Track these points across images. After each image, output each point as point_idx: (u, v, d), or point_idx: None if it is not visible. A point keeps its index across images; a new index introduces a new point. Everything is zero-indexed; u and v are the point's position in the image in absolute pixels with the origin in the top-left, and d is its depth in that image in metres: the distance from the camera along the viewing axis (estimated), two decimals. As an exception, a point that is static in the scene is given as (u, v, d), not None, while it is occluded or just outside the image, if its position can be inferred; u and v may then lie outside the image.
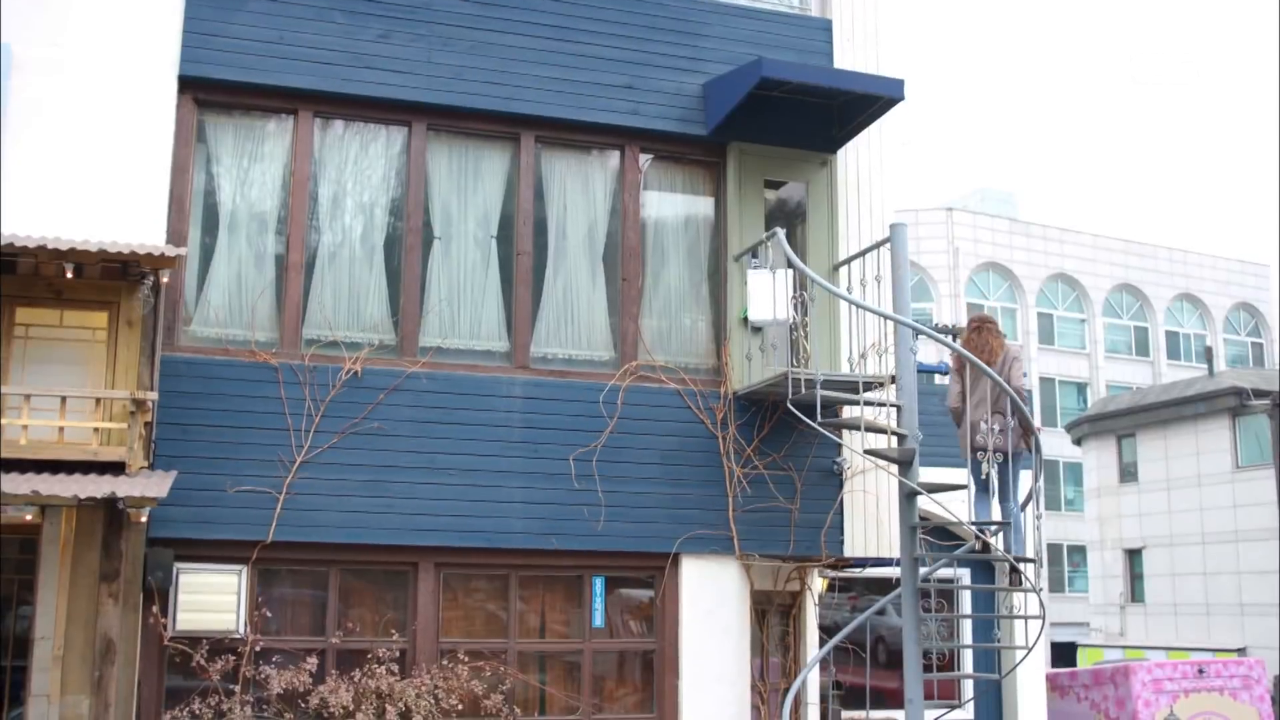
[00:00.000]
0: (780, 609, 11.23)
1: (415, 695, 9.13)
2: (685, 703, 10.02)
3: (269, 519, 9.18)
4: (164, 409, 9.01)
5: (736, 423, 10.35)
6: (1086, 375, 48.76)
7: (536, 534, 9.76)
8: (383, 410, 9.55)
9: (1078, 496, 44.20)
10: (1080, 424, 37.05)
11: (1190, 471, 32.61)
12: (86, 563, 8.66)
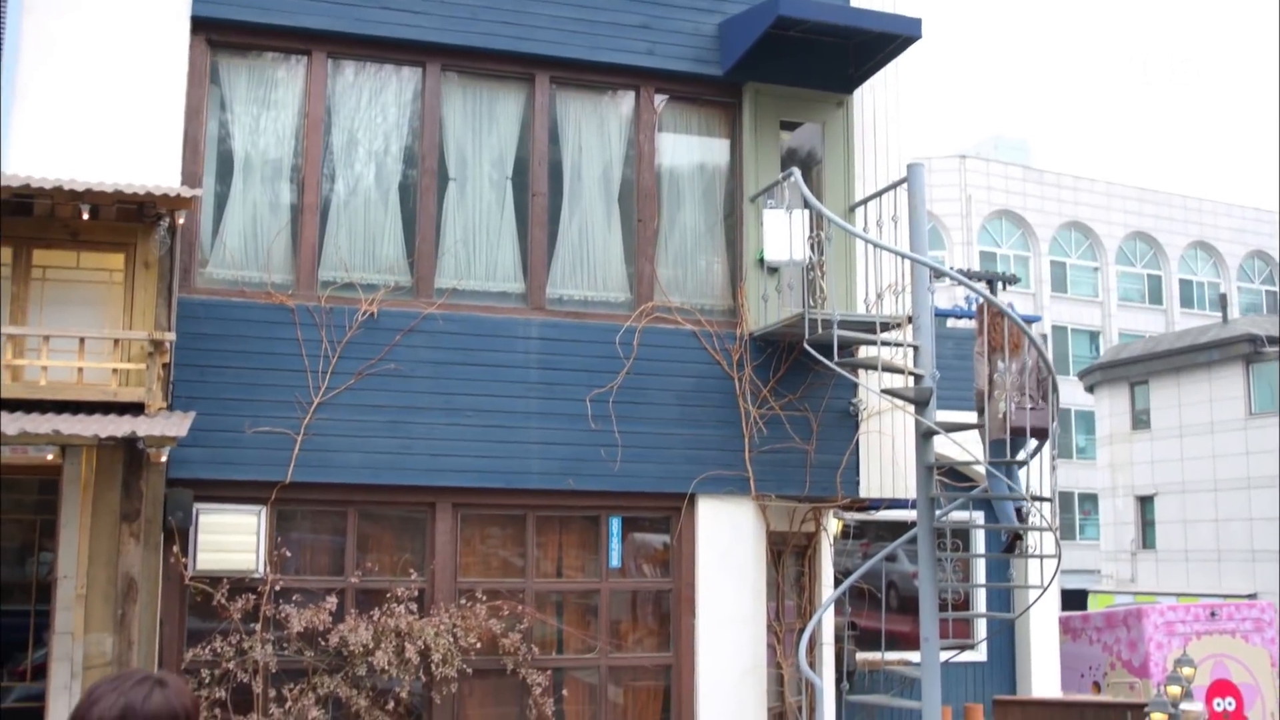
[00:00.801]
0: (795, 550, 11.28)
1: (434, 634, 9.20)
2: (701, 642, 10.09)
3: (287, 460, 9.22)
4: (181, 351, 9.03)
5: (752, 364, 10.35)
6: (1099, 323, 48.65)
7: (553, 474, 9.79)
8: (399, 351, 9.57)
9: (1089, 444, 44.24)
10: (1093, 371, 37.02)
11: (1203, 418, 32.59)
12: (107, 503, 8.71)
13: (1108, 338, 47.50)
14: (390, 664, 9.02)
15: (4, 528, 9.77)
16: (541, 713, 9.62)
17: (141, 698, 2.69)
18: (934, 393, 9.28)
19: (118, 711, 2.65)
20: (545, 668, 9.73)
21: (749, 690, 10.13)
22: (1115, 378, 35.53)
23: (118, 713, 2.65)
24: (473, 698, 9.63)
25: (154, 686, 2.73)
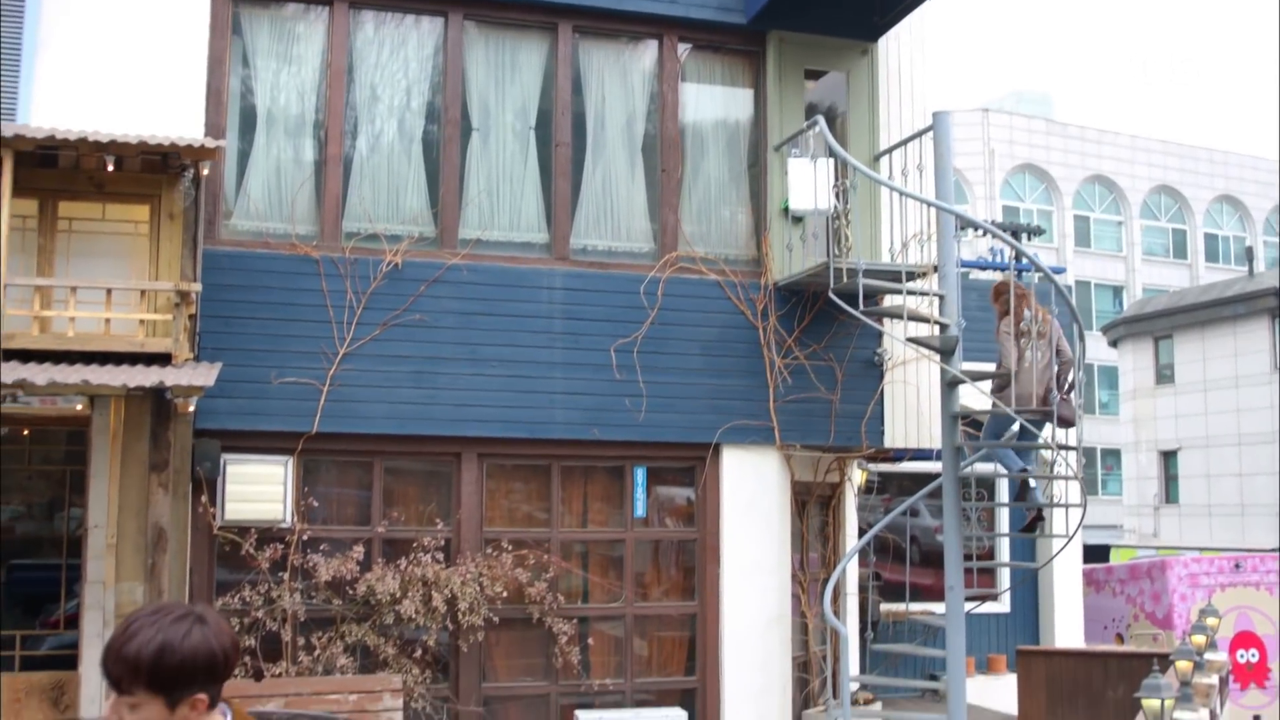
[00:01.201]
0: (820, 500, 11.29)
1: (460, 583, 9.26)
2: (726, 591, 10.12)
3: (313, 410, 9.26)
4: (207, 302, 9.05)
5: (777, 313, 10.32)
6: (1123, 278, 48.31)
7: (578, 424, 9.81)
8: (424, 302, 9.57)
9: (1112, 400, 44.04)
10: (1117, 326, 36.80)
11: (1228, 373, 32.39)
12: (136, 453, 8.76)
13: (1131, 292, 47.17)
14: (417, 612, 9.09)
15: (34, 483, 9.85)
16: (567, 661, 9.69)
17: (180, 635, 2.58)
18: (959, 341, 9.23)
19: (154, 648, 2.54)
20: (571, 617, 9.79)
21: (774, 639, 10.18)
22: (1139, 332, 35.31)
23: (154, 650, 2.54)
24: (499, 646, 9.70)
25: (194, 623, 2.62)
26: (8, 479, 9.72)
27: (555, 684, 9.78)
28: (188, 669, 2.56)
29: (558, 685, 9.78)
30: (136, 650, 2.52)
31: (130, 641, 2.53)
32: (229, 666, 2.67)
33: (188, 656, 2.56)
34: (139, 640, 2.53)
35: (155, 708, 2.56)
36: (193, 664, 2.57)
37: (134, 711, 2.57)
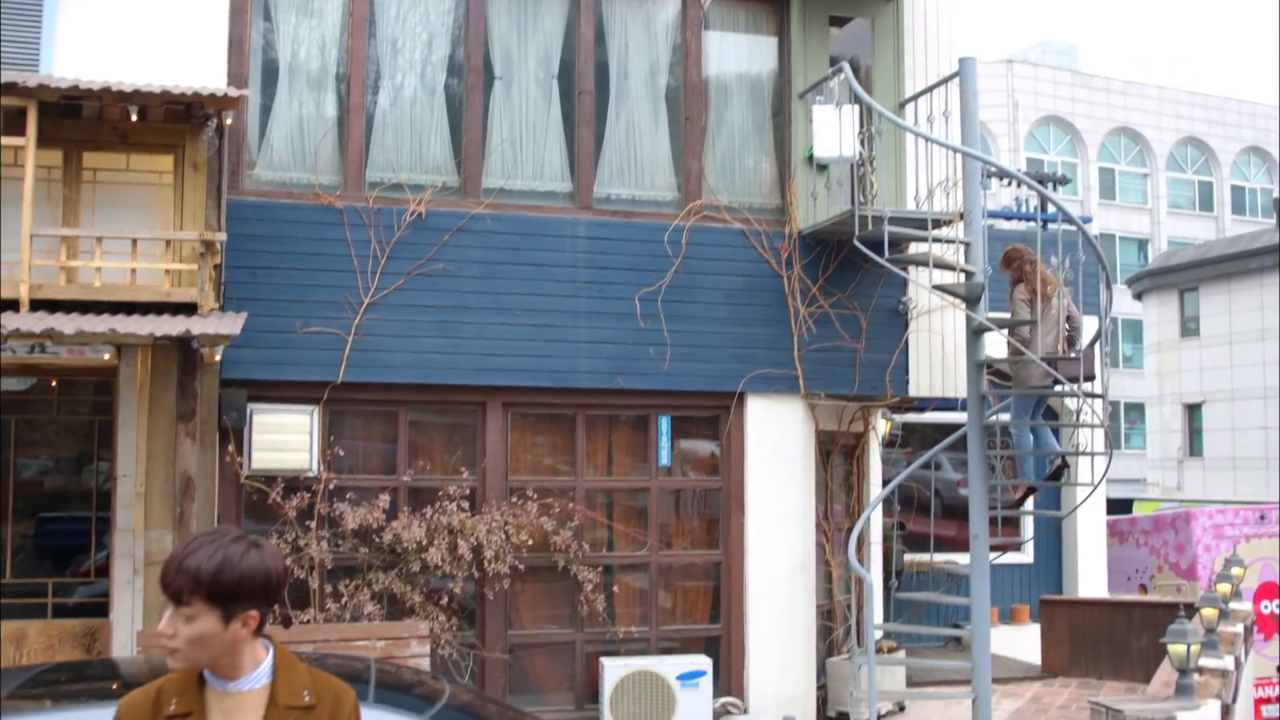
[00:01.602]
0: (844, 450, 11.30)
1: (486, 531, 9.30)
2: (750, 540, 10.15)
3: (338, 360, 9.28)
4: (231, 252, 9.07)
5: (801, 262, 10.28)
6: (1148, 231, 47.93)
7: (603, 373, 9.82)
8: (448, 251, 9.56)
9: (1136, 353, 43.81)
10: (1142, 278, 36.56)
11: (1253, 325, 32.17)
12: (163, 403, 8.80)
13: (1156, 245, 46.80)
14: (443, 560, 9.15)
15: (61, 438, 9.91)
16: (593, 609, 9.74)
17: (239, 553, 2.76)
18: (985, 289, 9.19)
19: (216, 563, 2.71)
20: (596, 565, 9.83)
21: (798, 587, 10.21)
22: (1164, 285, 35.08)
23: (215, 564, 2.71)
24: (524, 594, 9.76)
25: (250, 545, 2.80)
26: (36, 433, 9.80)
27: (580, 632, 9.84)
28: (245, 585, 2.74)
29: (583, 633, 9.84)
30: (198, 564, 2.70)
31: (192, 556, 2.72)
32: (280, 589, 2.84)
33: (245, 573, 2.74)
34: (201, 555, 2.72)
35: (211, 620, 2.72)
36: (250, 580, 2.75)
37: (190, 623, 2.72)
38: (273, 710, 2.79)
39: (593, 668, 9.76)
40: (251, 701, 2.80)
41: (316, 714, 2.83)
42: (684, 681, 9.52)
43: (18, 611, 9.39)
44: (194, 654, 2.75)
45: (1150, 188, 48.26)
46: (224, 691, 2.80)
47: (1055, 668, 12.67)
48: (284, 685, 2.83)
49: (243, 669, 2.80)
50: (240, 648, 2.79)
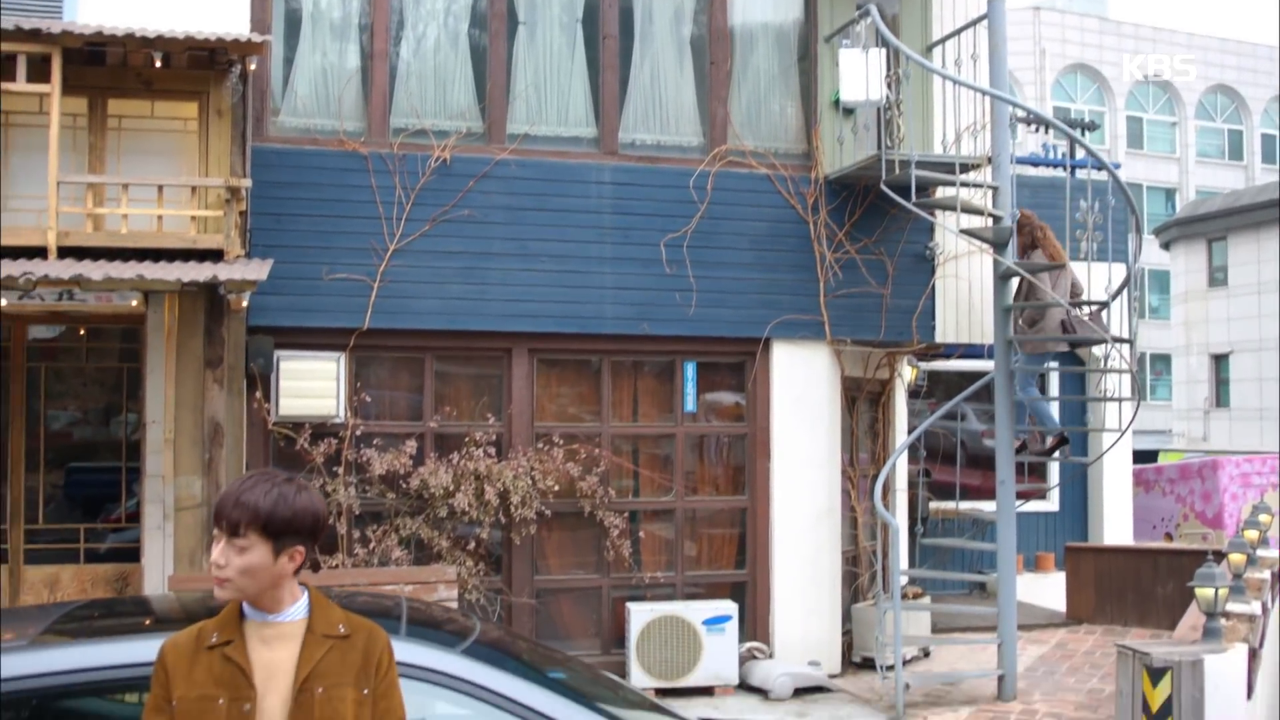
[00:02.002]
0: (870, 396, 11.28)
1: (512, 477, 9.34)
2: (776, 486, 10.16)
3: (364, 306, 9.30)
4: (256, 199, 9.07)
5: (827, 207, 10.22)
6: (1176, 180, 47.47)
7: (628, 319, 9.81)
8: (473, 197, 9.54)
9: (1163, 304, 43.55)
10: (1169, 228, 36.25)
11: (1283, 275, 31.92)
12: (191, 350, 8.84)
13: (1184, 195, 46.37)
14: (470, 506, 9.19)
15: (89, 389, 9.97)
16: (619, 554, 9.79)
17: (292, 492, 2.91)
18: (1013, 233, 9.13)
19: (273, 499, 2.86)
20: (622, 511, 9.87)
21: (824, 533, 10.23)
22: (1193, 234, 34.78)
23: (272, 499, 2.86)
24: (551, 540, 9.81)
25: (300, 488, 2.95)
26: (64, 385, 9.86)
27: (607, 577, 9.89)
28: (297, 521, 2.89)
29: (609, 578, 9.90)
30: (256, 499, 2.86)
31: (249, 491, 2.87)
32: (324, 530, 3.00)
33: (299, 510, 2.89)
34: (258, 491, 2.87)
35: (263, 552, 2.86)
36: (301, 518, 2.90)
37: (242, 554, 2.85)
38: (310, 637, 2.91)
39: (619, 613, 9.82)
40: (290, 631, 2.92)
41: (351, 643, 2.93)
42: (710, 626, 9.57)
43: (51, 557, 9.51)
44: (243, 584, 2.88)
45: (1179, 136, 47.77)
46: (263, 623, 2.91)
47: (1080, 615, 12.68)
48: (320, 618, 2.96)
49: (283, 603, 2.93)
50: (284, 582, 2.92)
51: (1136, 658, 6.56)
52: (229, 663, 2.85)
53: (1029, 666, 10.17)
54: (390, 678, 2.98)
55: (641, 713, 3.79)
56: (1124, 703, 6.64)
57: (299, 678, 2.85)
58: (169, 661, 2.89)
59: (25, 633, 3.47)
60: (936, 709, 9.00)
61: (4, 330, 9.51)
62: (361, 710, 2.89)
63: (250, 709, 2.82)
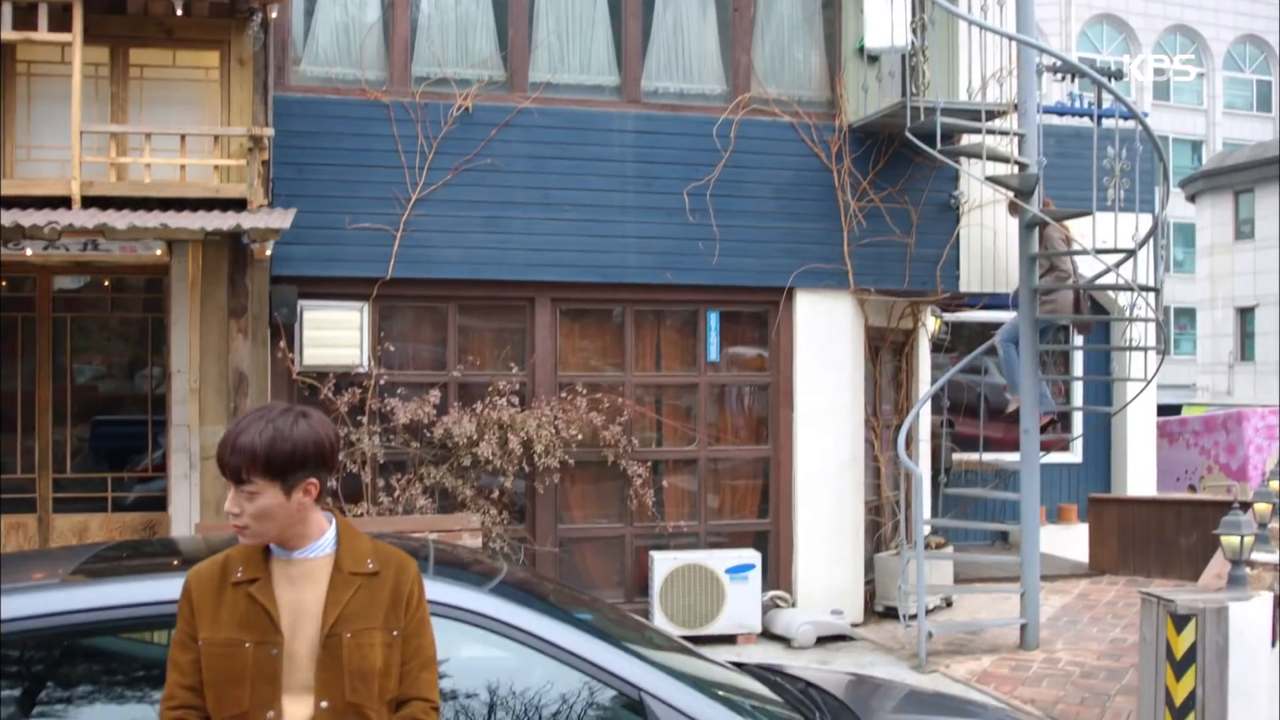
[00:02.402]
0: (893, 347, 11.24)
1: (536, 426, 9.35)
2: (799, 435, 10.15)
3: (387, 256, 9.30)
4: (279, 149, 9.05)
5: (851, 156, 10.15)
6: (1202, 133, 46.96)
7: (651, 268, 9.79)
8: (495, 146, 9.51)
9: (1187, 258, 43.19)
10: (1196, 179, 35.93)
11: (1310, 227, 31.64)
12: (215, 299, 8.87)
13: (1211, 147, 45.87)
14: (494, 454, 9.22)
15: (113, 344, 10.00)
16: (642, 503, 9.81)
17: (289, 425, 2.79)
18: (1040, 181, 9.06)
19: (267, 437, 2.75)
20: (645, 460, 9.88)
21: (847, 482, 10.22)
22: (1219, 186, 34.46)
23: (267, 438, 2.75)
24: (574, 489, 9.84)
25: (298, 416, 2.83)
26: (89, 340, 9.90)
27: (630, 526, 9.93)
28: (299, 455, 2.77)
29: (632, 527, 9.93)
30: (251, 440, 2.75)
31: (244, 434, 2.76)
32: (334, 454, 2.88)
33: (298, 443, 2.78)
34: (252, 432, 2.76)
35: (272, 493, 2.77)
36: (303, 450, 2.78)
37: (253, 500, 2.77)
38: (337, 576, 2.83)
39: (642, 561, 9.85)
40: (317, 568, 2.84)
41: (380, 580, 2.86)
42: (733, 575, 9.60)
43: (79, 506, 9.59)
44: (262, 528, 2.80)
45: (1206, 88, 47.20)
46: (289, 559, 2.85)
47: (1103, 565, 12.68)
48: (348, 553, 2.87)
49: (309, 537, 2.85)
50: (305, 516, 2.84)
51: (1161, 605, 6.54)
52: (255, 604, 2.78)
53: (1051, 616, 10.18)
54: (421, 614, 2.92)
55: (669, 653, 3.79)
56: (1147, 650, 6.63)
57: (326, 622, 2.78)
58: (194, 595, 2.83)
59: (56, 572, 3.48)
60: (959, 657, 9.03)
61: (29, 281, 9.56)
62: (391, 653, 2.83)
63: (277, 654, 2.76)
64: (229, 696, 2.76)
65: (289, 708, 2.77)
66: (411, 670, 2.88)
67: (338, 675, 2.77)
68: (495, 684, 3.42)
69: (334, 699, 2.77)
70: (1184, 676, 6.35)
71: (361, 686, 2.78)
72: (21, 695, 3.32)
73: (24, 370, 9.55)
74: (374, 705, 2.80)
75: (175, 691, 2.81)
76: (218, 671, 2.77)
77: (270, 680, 2.76)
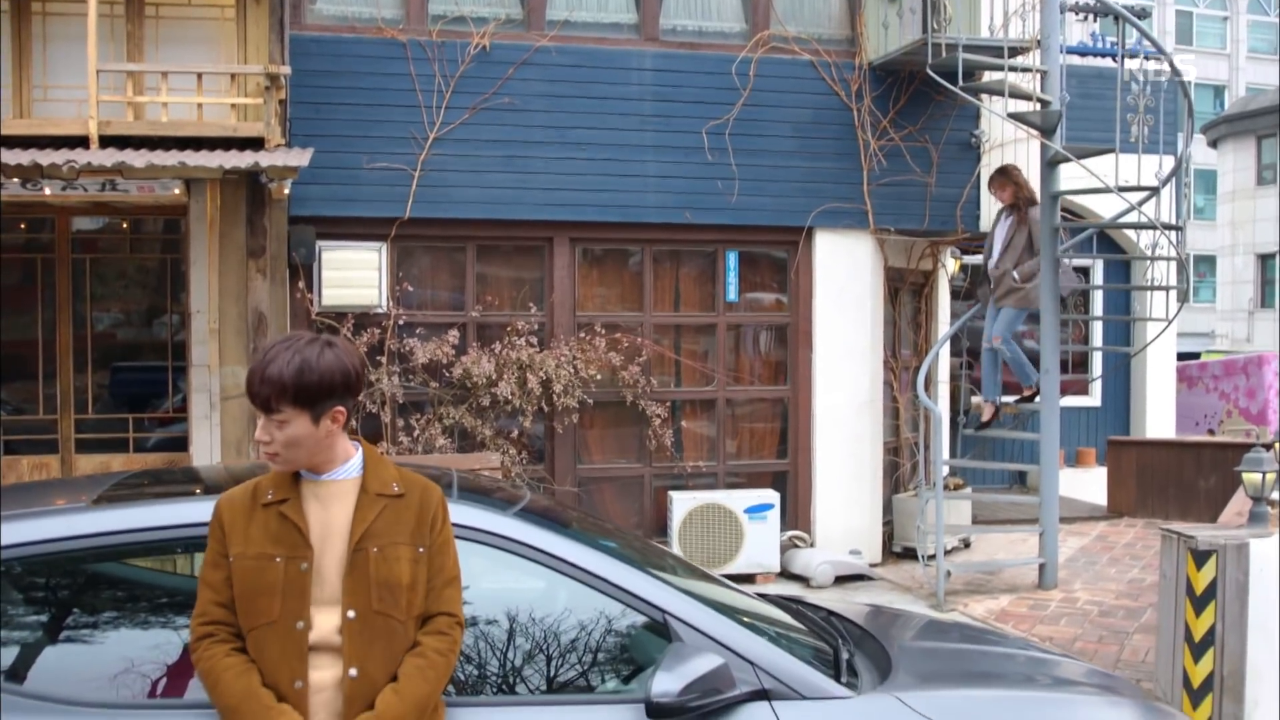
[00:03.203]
0: (912, 288, 11.20)
1: (555, 365, 9.36)
2: (818, 375, 10.14)
3: (405, 196, 9.27)
4: (295, 88, 9.01)
5: (871, 94, 10.06)
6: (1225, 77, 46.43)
7: (670, 208, 9.74)
8: (513, 85, 9.45)
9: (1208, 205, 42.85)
10: (1218, 124, 35.55)
11: (1333, 172, 31.32)
12: (233, 240, 8.86)
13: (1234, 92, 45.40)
14: (513, 394, 9.23)
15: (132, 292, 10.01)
16: (660, 443, 9.82)
17: (316, 354, 2.85)
18: (1062, 117, 8.97)
19: (295, 366, 2.81)
20: (663, 400, 9.88)
21: (865, 423, 10.22)
22: (1241, 131, 34.11)
23: (295, 367, 2.81)
24: (593, 429, 9.85)
25: (324, 345, 2.89)
26: (107, 288, 9.90)
27: (649, 466, 9.94)
28: (325, 383, 2.85)
29: (651, 467, 9.94)
30: (279, 370, 2.82)
31: (272, 364, 2.83)
32: (359, 382, 2.96)
33: (325, 372, 2.84)
34: (280, 362, 2.83)
35: (301, 422, 2.85)
36: (330, 379, 2.86)
37: (282, 428, 2.86)
38: (364, 498, 2.91)
39: (661, 501, 9.88)
40: (344, 490, 2.93)
41: (406, 503, 2.94)
42: (752, 515, 9.62)
43: (100, 447, 9.65)
44: (292, 455, 2.88)
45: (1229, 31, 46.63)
46: (318, 481, 2.93)
47: (1121, 508, 12.66)
48: (374, 476, 2.96)
49: (335, 462, 2.94)
50: (333, 443, 2.92)
51: (1181, 541, 6.53)
52: (285, 521, 2.87)
53: (1069, 557, 10.19)
54: (445, 534, 3.00)
55: (693, 580, 3.80)
56: (1167, 586, 6.63)
57: (354, 537, 2.86)
58: (225, 518, 2.92)
59: (80, 498, 3.50)
60: (977, 596, 9.05)
61: (48, 223, 9.56)
62: (417, 568, 2.91)
63: (308, 568, 2.84)
64: (259, 607, 2.84)
65: (317, 619, 2.85)
66: (436, 587, 2.96)
67: (364, 586, 2.85)
68: (519, 607, 3.43)
69: (361, 608, 2.84)
70: (1203, 612, 6.35)
71: (388, 596, 2.86)
72: (49, 619, 3.35)
73: (44, 317, 9.58)
74: (400, 616, 2.88)
75: (207, 608, 2.90)
76: (249, 584, 2.85)
77: (300, 593, 2.84)
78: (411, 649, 2.90)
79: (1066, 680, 4.00)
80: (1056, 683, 3.94)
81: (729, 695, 3.12)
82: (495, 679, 3.33)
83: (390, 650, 2.87)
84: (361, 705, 2.83)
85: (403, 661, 2.88)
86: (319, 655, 2.84)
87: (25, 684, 3.07)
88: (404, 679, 2.86)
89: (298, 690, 2.82)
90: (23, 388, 9.69)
